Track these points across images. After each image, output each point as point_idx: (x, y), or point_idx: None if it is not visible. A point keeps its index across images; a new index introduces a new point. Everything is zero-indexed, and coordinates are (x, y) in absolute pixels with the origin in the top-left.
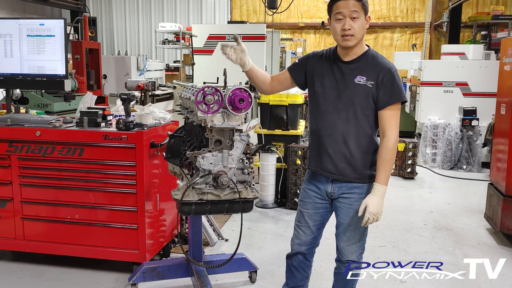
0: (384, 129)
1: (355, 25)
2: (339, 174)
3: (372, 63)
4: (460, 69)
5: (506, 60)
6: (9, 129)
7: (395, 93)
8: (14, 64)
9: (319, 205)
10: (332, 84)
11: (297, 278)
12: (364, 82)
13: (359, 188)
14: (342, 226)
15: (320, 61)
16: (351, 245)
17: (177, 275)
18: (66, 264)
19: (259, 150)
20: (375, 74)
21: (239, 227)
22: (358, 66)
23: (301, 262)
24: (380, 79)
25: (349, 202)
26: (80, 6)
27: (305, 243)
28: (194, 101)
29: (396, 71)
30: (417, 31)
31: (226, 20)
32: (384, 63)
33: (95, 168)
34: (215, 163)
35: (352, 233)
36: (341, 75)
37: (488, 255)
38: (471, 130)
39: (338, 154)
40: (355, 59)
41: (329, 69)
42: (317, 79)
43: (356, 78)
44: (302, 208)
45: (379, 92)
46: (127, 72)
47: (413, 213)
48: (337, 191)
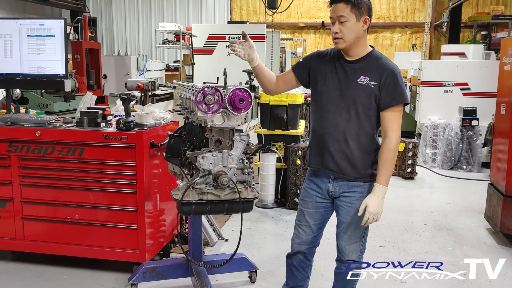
0: (386, 130)
1: (343, 29)
2: (340, 173)
3: (376, 64)
4: (460, 69)
5: (506, 60)
6: (9, 129)
7: (397, 95)
8: (14, 64)
9: (319, 204)
10: (335, 83)
11: (297, 277)
12: (367, 82)
13: (360, 187)
14: (343, 225)
15: (324, 60)
16: (352, 244)
17: (177, 275)
18: (66, 264)
19: (259, 150)
20: (379, 75)
21: (239, 227)
22: (361, 66)
23: (301, 261)
24: (383, 80)
25: (350, 201)
26: (80, 6)
27: (306, 242)
28: (194, 101)
29: (400, 73)
30: (417, 31)
31: (226, 20)
32: (388, 65)
33: (95, 168)
34: (215, 163)
35: (353, 232)
36: (345, 75)
37: (488, 255)
38: (471, 130)
39: (340, 153)
40: (358, 59)
41: (332, 68)
42: (320, 78)
43: (360, 78)
44: (302, 207)
45: (381, 93)
46: (127, 72)
47: (413, 213)
48: (338, 189)
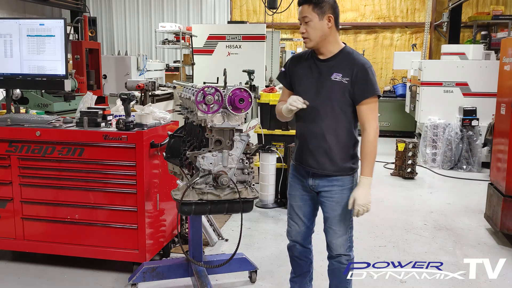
0: (364, 123)
1: (308, 28)
2: (319, 168)
3: (347, 60)
4: (460, 69)
5: (506, 60)
6: (9, 129)
7: (369, 88)
8: (14, 64)
9: (306, 197)
10: (310, 82)
11: (301, 266)
12: (340, 79)
13: (339, 181)
14: (329, 220)
15: (300, 62)
16: (339, 238)
17: (177, 275)
18: (66, 264)
19: (259, 150)
20: (350, 70)
21: (239, 227)
22: (334, 64)
23: (301, 251)
24: (354, 75)
25: (330, 195)
26: (80, 6)
27: (300, 233)
28: (194, 101)
29: (371, 67)
30: (417, 31)
31: (226, 20)
32: (359, 59)
33: (95, 168)
34: (215, 163)
35: (338, 226)
36: (319, 73)
37: (488, 255)
38: (471, 130)
39: (318, 148)
40: (331, 57)
41: (307, 68)
42: (297, 79)
43: (333, 75)
44: (291, 201)
45: (354, 88)
46: (127, 72)
47: (413, 213)
48: (317, 184)
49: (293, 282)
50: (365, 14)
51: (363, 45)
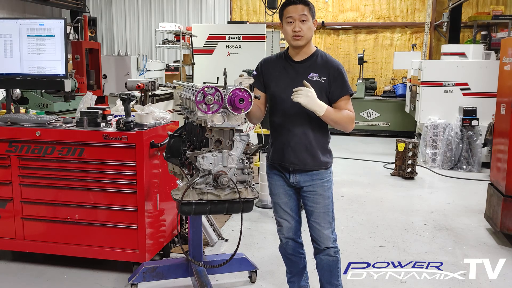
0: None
1: (304, 27)
2: (301, 164)
3: (322, 61)
4: (460, 69)
5: (506, 60)
6: (9, 129)
7: (345, 87)
8: (14, 64)
9: (290, 192)
10: (287, 83)
11: (296, 262)
12: (317, 78)
13: (318, 175)
14: (314, 214)
15: (273, 64)
16: (325, 231)
17: (177, 275)
18: (66, 264)
19: (259, 150)
20: (326, 70)
21: (239, 227)
22: (310, 65)
23: (294, 247)
24: (331, 75)
25: (312, 188)
26: (80, 6)
27: (291, 229)
28: (194, 101)
29: (343, 68)
30: (417, 31)
31: (226, 20)
32: (333, 61)
33: (95, 168)
34: (215, 163)
35: (322, 218)
36: (295, 74)
37: (488, 255)
38: (471, 130)
39: (299, 145)
40: (306, 59)
41: (282, 70)
42: (271, 80)
43: (310, 75)
44: (275, 200)
45: (331, 87)
46: (127, 72)
47: (413, 213)
48: (298, 180)
49: (291, 283)
50: (365, 14)
51: (363, 45)
